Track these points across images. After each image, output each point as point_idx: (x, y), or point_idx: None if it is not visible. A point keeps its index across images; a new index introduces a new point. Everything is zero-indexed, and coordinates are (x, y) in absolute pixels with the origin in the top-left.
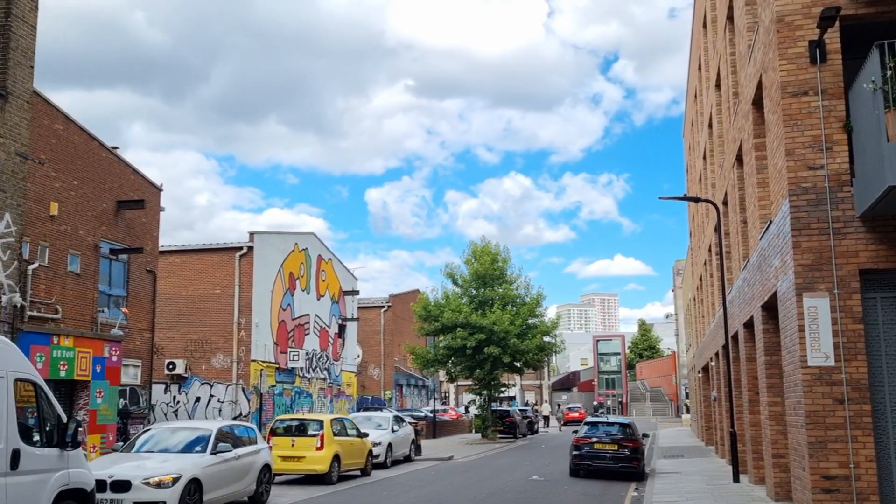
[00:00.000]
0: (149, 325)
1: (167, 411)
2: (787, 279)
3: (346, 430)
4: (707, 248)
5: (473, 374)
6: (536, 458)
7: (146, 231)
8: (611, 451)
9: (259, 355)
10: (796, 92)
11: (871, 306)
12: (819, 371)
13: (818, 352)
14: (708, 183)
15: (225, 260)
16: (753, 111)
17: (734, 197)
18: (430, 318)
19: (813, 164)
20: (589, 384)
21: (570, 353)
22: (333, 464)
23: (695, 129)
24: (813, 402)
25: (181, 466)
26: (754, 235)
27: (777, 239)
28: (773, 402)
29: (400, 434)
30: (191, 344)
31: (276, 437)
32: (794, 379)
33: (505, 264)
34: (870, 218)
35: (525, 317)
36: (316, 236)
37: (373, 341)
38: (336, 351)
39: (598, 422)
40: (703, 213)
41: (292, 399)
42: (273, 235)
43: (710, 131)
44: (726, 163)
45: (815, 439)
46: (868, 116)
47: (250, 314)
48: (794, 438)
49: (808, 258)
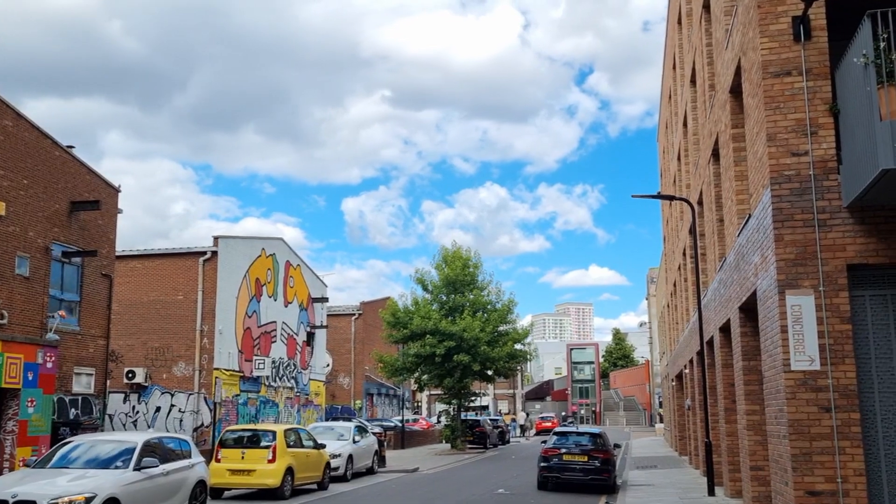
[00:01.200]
0: (104, 331)
1: (126, 421)
2: (767, 276)
3: (301, 441)
4: (681, 252)
5: (443, 383)
6: (505, 469)
7: (102, 233)
8: (580, 463)
9: (223, 363)
10: (778, 72)
11: (860, 305)
12: (803, 376)
13: (802, 355)
14: (683, 184)
15: (188, 265)
16: (731, 100)
17: (710, 195)
18: (398, 324)
19: (797, 150)
20: (562, 393)
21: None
22: (286, 477)
23: (669, 131)
24: (797, 410)
25: (97, 485)
26: (731, 233)
27: (757, 233)
28: (752, 411)
29: (362, 445)
30: (151, 352)
31: (225, 449)
32: (776, 385)
33: (476, 270)
34: (858, 208)
35: (496, 324)
36: (284, 241)
37: (343, 350)
38: (304, 359)
39: (567, 432)
40: (678, 215)
41: (257, 409)
42: (238, 240)
43: (685, 130)
44: (701, 160)
45: (798, 451)
46: (858, 95)
47: (214, 321)
48: (776, 450)
49: (791, 252)
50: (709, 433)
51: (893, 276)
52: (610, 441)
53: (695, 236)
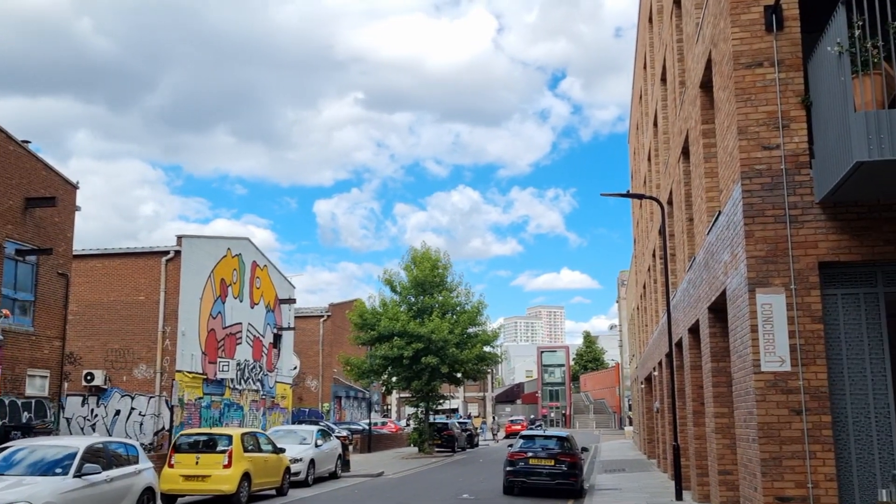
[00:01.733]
0: (59, 332)
1: (84, 425)
2: (737, 274)
3: (259, 445)
4: (651, 254)
5: (411, 386)
6: (472, 473)
7: (59, 231)
8: (547, 467)
9: (185, 366)
10: (750, 63)
11: (832, 304)
12: (773, 377)
13: (773, 355)
14: (653, 184)
15: (150, 265)
16: (701, 95)
17: (679, 193)
18: (366, 326)
19: (768, 144)
20: (533, 396)
21: (516, 364)
22: (243, 483)
23: (640, 132)
24: (766, 413)
25: (33, 492)
26: (701, 232)
27: (727, 230)
28: (720, 413)
29: (325, 449)
30: (111, 354)
31: (179, 453)
32: (745, 387)
33: (445, 271)
34: (831, 204)
35: (465, 325)
36: (251, 242)
37: (311, 352)
38: (270, 361)
39: (534, 435)
40: (648, 216)
41: (221, 412)
42: (203, 240)
43: (656, 130)
44: (671, 159)
45: (768, 455)
46: (831, 85)
47: (176, 322)
48: (745, 454)
49: (761, 249)
50: (677, 436)
51: (866, 274)
52: (577, 444)
53: (664, 236)
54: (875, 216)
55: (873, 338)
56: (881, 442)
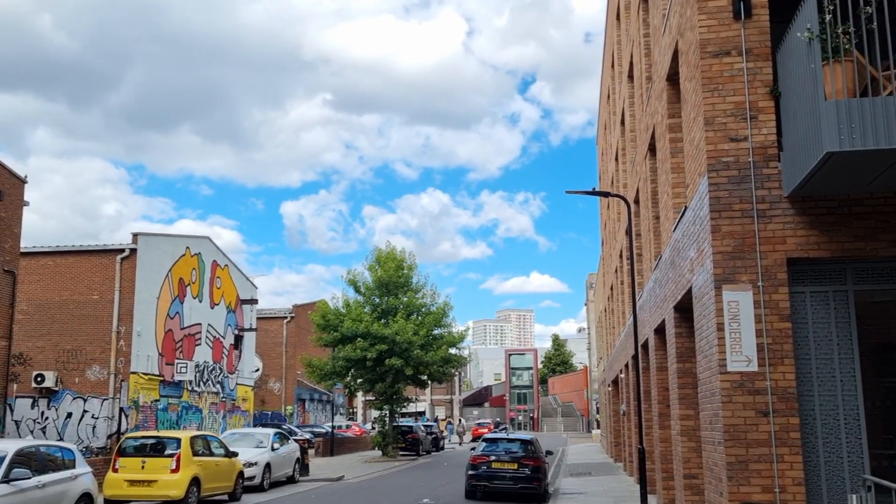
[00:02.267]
0: (5, 331)
1: (34, 428)
2: (704, 271)
3: (210, 448)
4: (618, 254)
5: (374, 388)
6: (434, 477)
7: (5, 227)
8: (510, 471)
9: (141, 367)
10: (717, 52)
11: (800, 301)
12: (740, 377)
13: (739, 355)
14: (620, 184)
15: (105, 263)
16: (668, 88)
17: (646, 191)
18: (329, 327)
19: (735, 136)
20: (501, 399)
21: (484, 367)
22: (191, 488)
23: (607, 132)
24: (733, 415)
25: None
26: (667, 229)
27: (693, 226)
28: (686, 416)
29: (282, 452)
30: (63, 354)
31: (123, 457)
32: (711, 387)
33: (411, 272)
34: (799, 199)
35: (430, 327)
36: (211, 241)
37: (274, 354)
38: (231, 363)
39: (497, 438)
40: (615, 217)
41: (179, 414)
42: (160, 238)
43: (623, 129)
44: (638, 156)
45: (734, 458)
46: (801, 74)
47: (131, 322)
48: (710, 457)
49: (728, 244)
50: (642, 439)
51: (835, 271)
52: (541, 448)
53: (630, 235)
54: (845, 211)
55: (843, 337)
56: (850, 445)
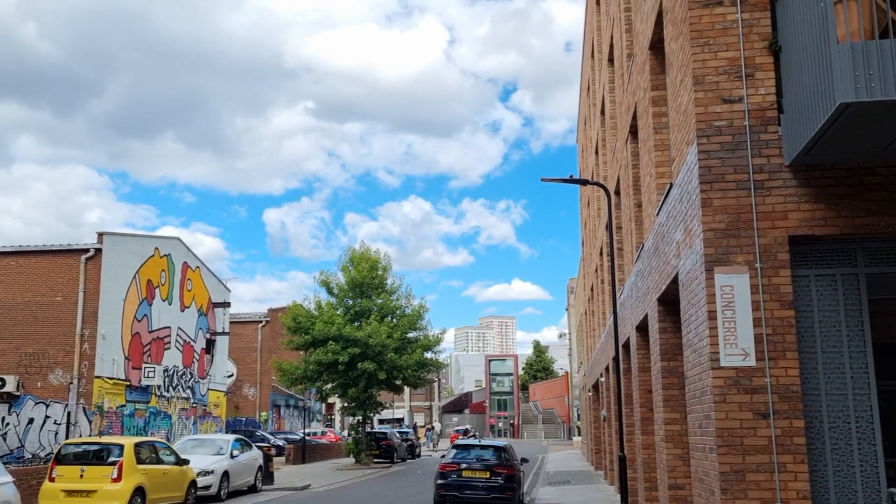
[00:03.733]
0: None
1: None
2: (693, 253)
3: (159, 456)
4: (599, 252)
5: (347, 393)
6: (405, 486)
7: None
8: (482, 480)
9: (105, 371)
10: (707, 2)
11: (804, 286)
12: (735, 374)
13: (734, 347)
14: (600, 177)
15: (68, 263)
16: (651, 58)
17: (627, 179)
18: (300, 330)
19: (729, 97)
20: (481, 406)
21: (465, 374)
22: (135, 499)
23: (587, 127)
24: (727, 417)
25: None
26: (650, 215)
27: (680, 204)
28: (671, 420)
29: (242, 460)
30: (25, 358)
31: (61, 465)
32: (701, 386)
33: (385, 273)
34: (803, 167)
35: (404, 330)
36: (181, 242)
37: (249, 359)
38: (203, 368)
39: (468, 445)
40: (595, 213)
41: (146, 420)
42: (127, 238)
43: (603, 118)
44: (619, 142)
45: (729, 467)
46: (807, 16)
47: (96, 325)
48: (700, 466)
49: (721, 220)
50: (623, 446)
51: (844, 251)
52: (516, 455)
53: (611, 229)
54: (855, 182)
55: (853, 327)
56: (863, 452)
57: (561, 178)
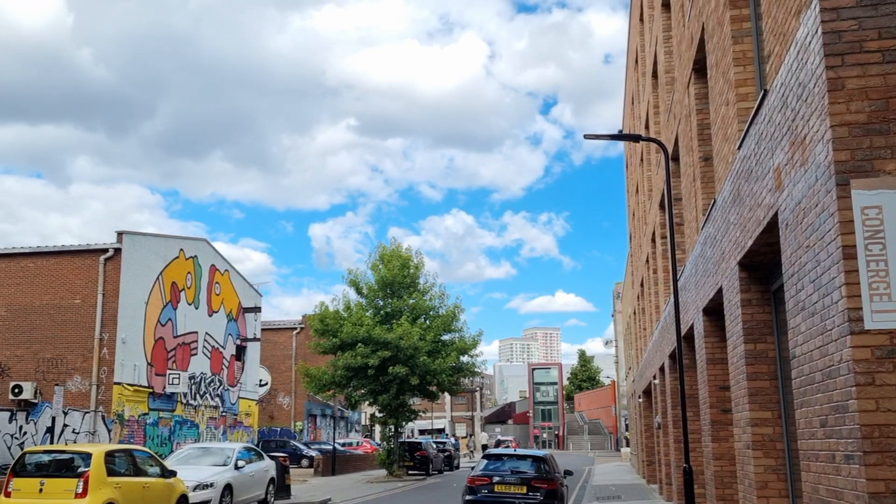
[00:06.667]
0: None
1: (12, 444)
2: (810, 169)
3: (138, 467)
4: (650, 238)
5: (378, 400)
6: (435, 501)
7: None
8: (518, 496)
9: (126, 377)
10: None
11: None
12: (890, 340)
13: (887, 301)
14: (652, 148)
15: (87, 264)
16: None
17: (689, 131)
18: (327, 332)
19: None
20: (524, 416)
21: (509, 385)
22: None
23: (634, 106)
24: (877, 409)
25: None
26: (724, 160)
27: (783, 111)
28: (760, 420)
29: (248, 472)
30: (43, 364)
31: (18, 478)
32: (827, 363)
33: (417, 271)
34: None
35: (438, 331)
36: (209, 243)
37: (283, 367)
38: (232, 375)
39: (501, 455)
40: (646, 196)
41: (171, 430)
42: (149, 238)
43: (655, 82)
44: (677, 94)
45: (884, 486)
46: None
47: (115, 329)
48: (825, 482)
49: (859, 110)
50: (688, 456)
51: None
52: (558, 467)
53: (668, 185)
54: None
55: None
56: None
57: (608, 135)
